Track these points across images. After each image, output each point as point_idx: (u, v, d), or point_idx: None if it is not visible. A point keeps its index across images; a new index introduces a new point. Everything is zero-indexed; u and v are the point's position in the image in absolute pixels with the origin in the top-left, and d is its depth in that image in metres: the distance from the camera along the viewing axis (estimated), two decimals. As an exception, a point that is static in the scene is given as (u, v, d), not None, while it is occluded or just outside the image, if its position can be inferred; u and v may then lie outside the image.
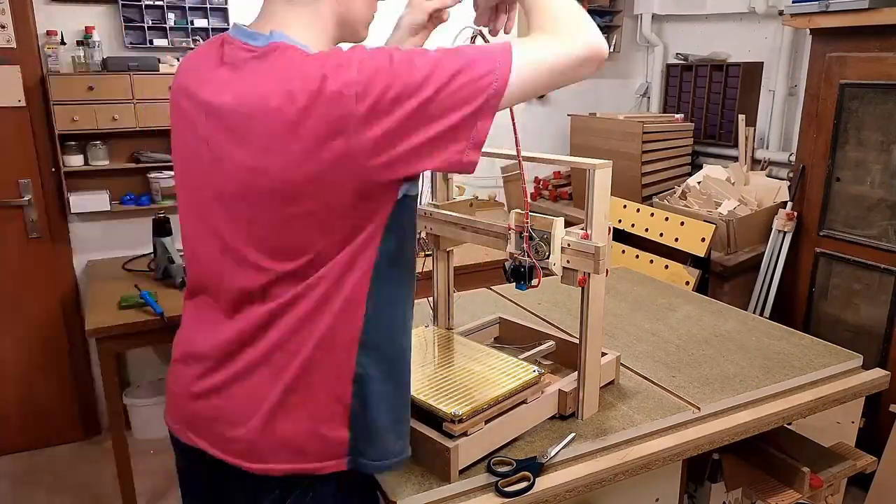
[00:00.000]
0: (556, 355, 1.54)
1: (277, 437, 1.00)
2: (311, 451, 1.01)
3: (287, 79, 0.91)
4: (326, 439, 1.01)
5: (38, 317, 2.90)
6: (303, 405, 1.00)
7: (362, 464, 1.03)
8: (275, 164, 0.92)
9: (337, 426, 1.01)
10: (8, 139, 2.70)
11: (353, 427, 1.02)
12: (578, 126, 3.73)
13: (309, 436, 1.00)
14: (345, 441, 1.01)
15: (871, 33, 2.49)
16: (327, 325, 0.98)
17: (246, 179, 0.95)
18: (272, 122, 0.91)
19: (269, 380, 1.00)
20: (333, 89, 0.88)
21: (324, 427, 1.00)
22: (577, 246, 1.23)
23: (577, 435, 1.28)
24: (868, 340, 2.60)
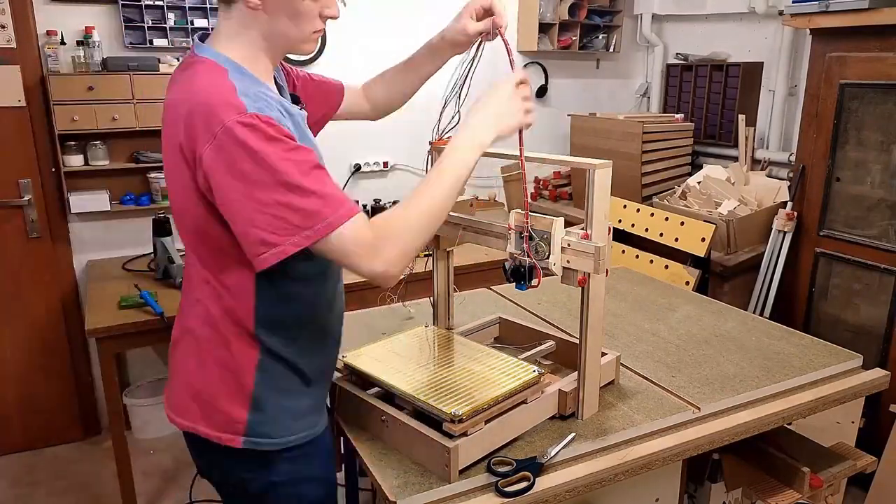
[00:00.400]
0: (556, 355, 1.54)
1: (189, 399, 1.15)
2: (213, 421, 1.13)
3: (186, 95, 1.02)
4: (225, 414, 1.12)
5: (38, 317, 2.90)
6: (211, 380, 1.13)
7: (258, 443, 1.13)
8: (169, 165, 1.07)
9: (237, 406, 1.12)
10: (8, 139, 2.70)
11: (253, 409, 1.13)
12: (578, 126, 3.73)
13: (213, 407, 1.13)
14: (243, 420, 1.13)
15: (871, 33, 2.49)
16: (225, 310, 1.11)
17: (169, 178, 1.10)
18: (170, 130, 1.05)
19: (188, 351, 1.16)
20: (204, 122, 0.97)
21: (226, 405, 1.12)
22: (577, 246, 1.23)
23: (577, 435, 1.28)
24: (868, 340, 2.60)
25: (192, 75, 1.04)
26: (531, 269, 1.24)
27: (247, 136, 0.96)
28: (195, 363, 1.15)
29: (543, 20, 3.67)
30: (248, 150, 0.95)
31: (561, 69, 4.01)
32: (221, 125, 0.96)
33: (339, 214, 0.99)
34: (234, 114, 0.96)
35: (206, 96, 0.99)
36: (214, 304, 1.11)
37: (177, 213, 1.11)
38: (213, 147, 0.96)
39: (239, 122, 0.96)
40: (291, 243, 0.98)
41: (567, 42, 3.81)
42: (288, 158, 0.97)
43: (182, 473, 2.79)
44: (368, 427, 1.29)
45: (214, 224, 1.05)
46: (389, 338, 1.50)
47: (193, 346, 1.15)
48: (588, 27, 3.88)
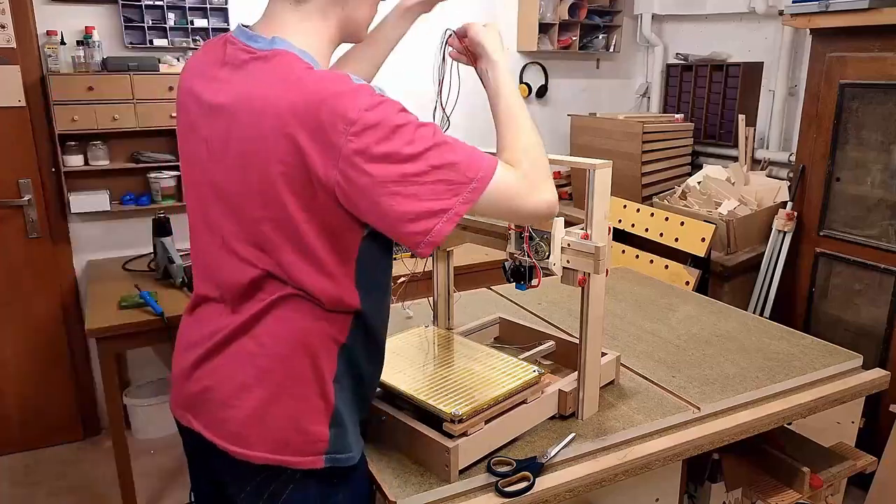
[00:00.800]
0: (556, 355, 1.54)
1: (262, 426, 1.03)
2: (292, 445, 1.03)
3: (287, 88, 0.93)
4: (308, 434, 1.03)
5: (39, 317, 2.90)
6: (288, 399, 1.03)
7: (338, 459, 1.06)
8: (260, 165, 0.95)
9: (319, 423, 1.04)
10: (8, 139, 2.70)
11: (333, 425, 1.05)
12: (578, 126, 3.73)
13: (292, 429, 1.03)
14: (325, 438, 1.04)
15: (871, 33, 2.49)
16: (313, 326, 1.03)
17: (237, 177, 0.99)
18: (265, 125, 0.93)
19: (258, 370, 1.03)
20: (332, 114, 0.90)
21: (307, 422, 1.03)
22: (577, 246, 1.23)
23: (577, 435, 1.28)
24: (868, 340, 2.60)
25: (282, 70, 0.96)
26: (531, 269, 1.24)
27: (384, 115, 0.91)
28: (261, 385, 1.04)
29: (543, 20, 3.67)
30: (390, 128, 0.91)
31: (561, 69, 4.01)
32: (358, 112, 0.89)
33: (489, 161, 0.97)
34: (367, 96, 0.91)
35: (325, 87, 0.92)
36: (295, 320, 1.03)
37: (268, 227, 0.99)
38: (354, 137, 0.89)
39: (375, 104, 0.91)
40: (462, 201, 0.94)
41: (567, 42, 3.81)
42: (417, 126, 0.94)
43: (182, 473, 2.79)
44: (368, 427, 1.29)
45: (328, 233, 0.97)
46: (389, 338, 1.50)
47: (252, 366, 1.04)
48: (588, 27, 3.88)
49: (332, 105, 0.90)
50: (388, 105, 0.93)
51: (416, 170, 0.92)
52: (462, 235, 1.40)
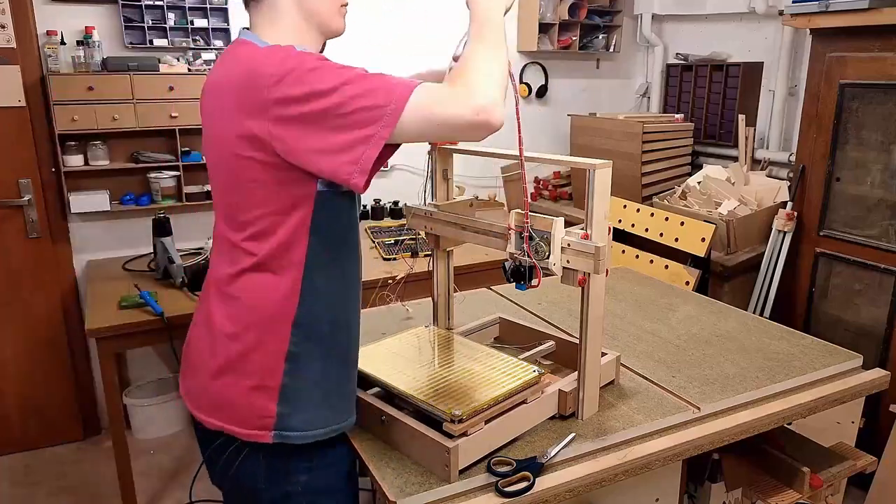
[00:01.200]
0: (556, 355, 1.54)
1: (216, 395, 1.13)
2: (241, 417, 1.11)
3: (236, 65, 1.06)
4: (255, 409, 1.10)
5: (39, 317, 2.90)
6: (240, 372, 1.11)
7: (287, 436, 1.10)
8: (224, 135, 1.06)
9: (266, 400, 1.10)
10: (8, 139, 2.70)
11: (282, 402, 1.10)
12: (578, 126, 3.73)
13: (241, 402, 1.10)
14: (272, 414, 1.10)
15: (871, 33, 2.49)
16: (263, 303, 1.10)
17: (214, 150, 1.12)
18: (224, 98, 1.06)
19: (216, 343, 1.13)
20: (258, 73, 1.00)
21: (254, 397, 1.10)
22: (577, 246, 1.23)
23: (577, 435, 1.28)
24: (868, 340, 2.60)
25: (239, 51, 1.08)
26: (531, 269, 1.24)
27: (292, 64, 0.99)
28: (218, 364, 1.13)
29: (543, 20, 3.67)
30: (295, 75, 0.98)
31: (561, 69, 4.01)
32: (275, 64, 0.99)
33: (407, 83, 0.98)
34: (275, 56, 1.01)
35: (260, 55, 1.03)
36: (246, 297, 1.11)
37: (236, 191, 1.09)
38: (276, 84, 0.98)
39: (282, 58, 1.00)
40: (383, 125, 0.96)
41: (567, 42, 3.81)
42: (331, 66, 1.00)
43: (182, 473, 2.80)
44: (368, 427, 1.29)
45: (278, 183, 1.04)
46: (389, 338, 1.50)
47: (209, 339, 1.16)
48: (588, 27, 3.88)
49: (255, 68, 1.01)
50: (304, 55, 1.01)
51: (333, 102, 0.97)
52: (462, 235, 1.40)
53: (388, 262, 2.78)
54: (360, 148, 0.97)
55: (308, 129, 0.98)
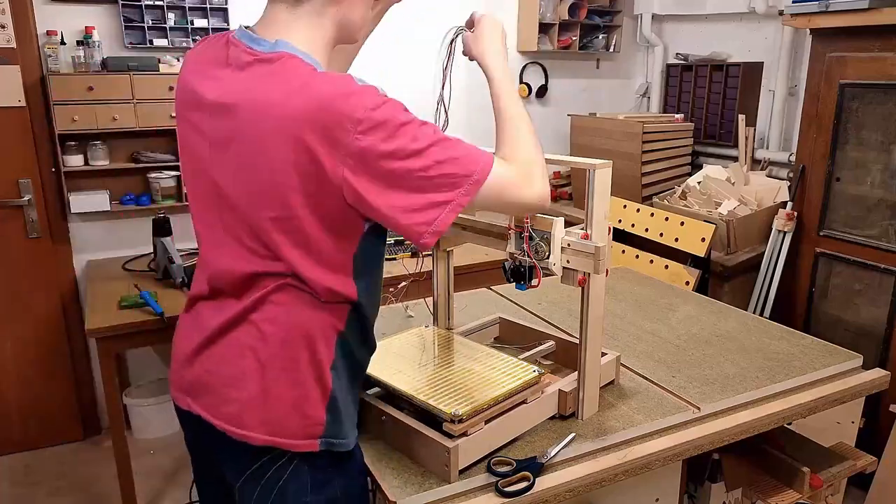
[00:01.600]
0: (556, 355, 1.54)
1: (261, 410, 1.06)
2: (289, 427, 1.06)
3: (294, 91, 0.95)
4: (306, 418, 1.06)
5: (39, 317, 2.90)
6: (288, 383, 1.06)
7: (333, 444, 1.09)
8: (266, 166, 0.98)
9: (317, 408, 1.07)
10: (8, 139, 2.70)
11: (330, 410, 1.08)
12: (578, 126, 3.73)
13: (290, 412, 1.06)
14: (322, 422, 1.07)
15: (871, 33, 2.49)
16: (312, 314, 1.06)
17: (241, 177, 1.02)
18: (271, 128, 0.96)
19: (257, 355, 1.06)
20: (340, 114, 0.93)
21: (305, 406, 1.06)
22: (577, 246, 1.23)
23: (577, 435, 1.28)
24: (868, 340, 2.60)
25: (286, 73, 0.98)
26: (531, 269, 1.24)
27: (389, 114, 0.95)
28: (262, 375, 1.07)
29: (543, 20, 3.67)
30: (394, 127, 0.95)
31: (561, 69, 4.01)
32: (364, 111, 0.93)
33: (487, 156, 1.02)
34: (373, 96, 0.95)
35: (331, 89, 0.95)
36: (294, 308, 1.06)
37: (269, 224, 1.01)
38: (360, 135, 0.93)
39: (380, 104, 0.95)
40: (462, 193, 0.99)
41: (567, 42, 3.81)
42: (420, 126, 0.98)
43: (182, 473, 2.80)
44: (368, 427, 1.29)
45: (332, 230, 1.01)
46: (389, 338, 1.50)
47: (253, 351, 1.07)
48: (588, 27, 3.88)
49: (339, 106, 0.93)
50: (392, 104, 0.96)
51: (421, 164, 0.96)
52: (462, 235, 1.40)
53: (388, 261, 2.78)
54: (438, 211, 0.98)
55: (390, 185, 0.96)
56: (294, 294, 1.06)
